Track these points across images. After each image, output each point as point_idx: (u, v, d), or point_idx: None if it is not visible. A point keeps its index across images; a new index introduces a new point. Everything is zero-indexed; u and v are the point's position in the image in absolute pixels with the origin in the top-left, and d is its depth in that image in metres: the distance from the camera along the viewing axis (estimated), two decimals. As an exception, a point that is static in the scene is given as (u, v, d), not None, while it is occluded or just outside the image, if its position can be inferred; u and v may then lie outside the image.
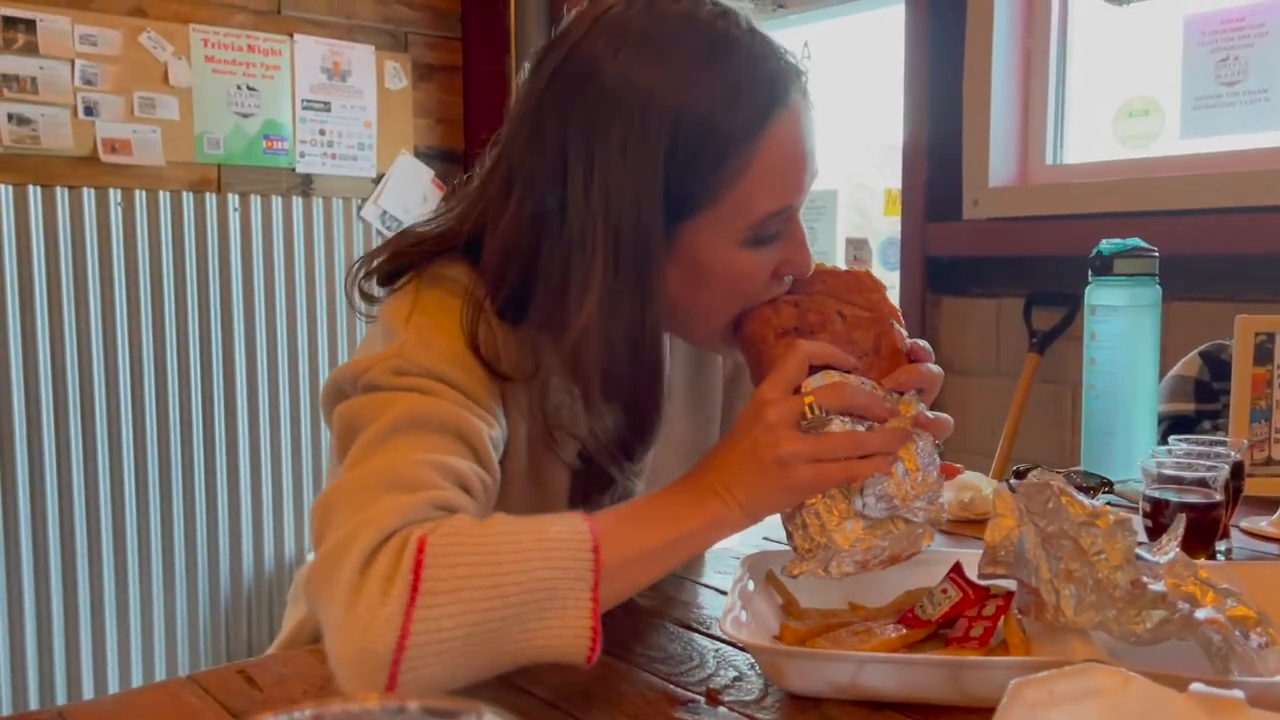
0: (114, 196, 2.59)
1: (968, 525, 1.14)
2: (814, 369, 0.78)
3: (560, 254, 0.81)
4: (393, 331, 0.82)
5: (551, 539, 0.70)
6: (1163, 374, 1.39)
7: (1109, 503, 1.16)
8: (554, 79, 0.82)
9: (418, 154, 3.06)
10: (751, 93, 0.80)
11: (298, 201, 2.87)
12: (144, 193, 2.63)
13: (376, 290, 0.90)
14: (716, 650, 0.80)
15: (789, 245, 0.86)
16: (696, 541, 0.77)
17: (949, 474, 0.83)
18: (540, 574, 0.68)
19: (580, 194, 0.79)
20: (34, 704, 2.51)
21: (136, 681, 2.65)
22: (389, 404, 0.77)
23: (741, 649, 0.78)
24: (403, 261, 0.89)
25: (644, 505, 0.78)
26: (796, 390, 0.77)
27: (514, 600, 0.67)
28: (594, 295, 0.80)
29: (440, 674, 0.67)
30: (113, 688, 2.62)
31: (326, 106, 2.89)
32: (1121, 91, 2.04)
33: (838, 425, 0.75)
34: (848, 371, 0.78)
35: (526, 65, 0.86)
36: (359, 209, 2.98)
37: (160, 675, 2.69)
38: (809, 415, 0.75)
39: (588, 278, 0.80)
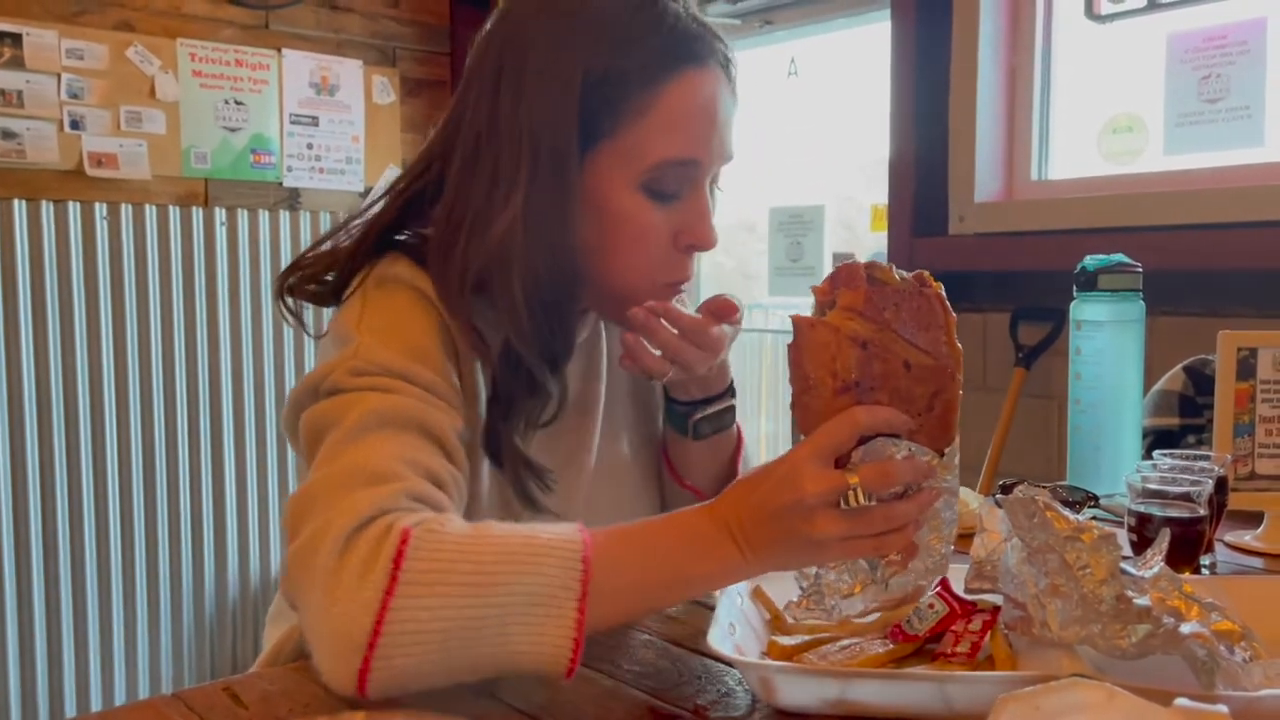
0: (100, 210, 2.58)
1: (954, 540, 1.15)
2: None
3: (489, 162, 0.88)
4: (347, 336, 0.84)
5: (540, 545, 0.70)
6: (1147, 389, 1.40)
7: (1094, 517, 1.17)
8: (488, 44, 0.92)
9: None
10: (666, 37, 0.87)
11: (285, 216, 2.87)
12: (130, 207, 2.62)
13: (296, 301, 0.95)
14: (704, 666, 0.80)
15: (690, 212, 0.90)
16: (703, 584, 0.76)
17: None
18: (525, 578, 0.68)
19: (510, 111, 0.87)
20: (16, 722, 2.49)
21: (120, 698, 2.63)
22: (353, 404, 0.78)
23: (729, 665, 0.78)
24: (343, 270, 0.93)
25: (652, 531, 0.76)
26: (840, 460, 0.73)
27: (495, 601, 0.67)
28: (519, 194, 0.86)
29: (414, 667, 0.67)
30: (96, 704, 2.60)
31: (314, 121, 2.89)
32: (1105, 108, 2.06)
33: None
34: (899, 435, 0.74)
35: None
36: (347, 223, 2.97)
37: (144, 692, 2.67)
38: (852, 502, 0.72)
39: (515, 178, 0.86)
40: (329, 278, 0.94)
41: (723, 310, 0.95)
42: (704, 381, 1.01)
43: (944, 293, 0.75)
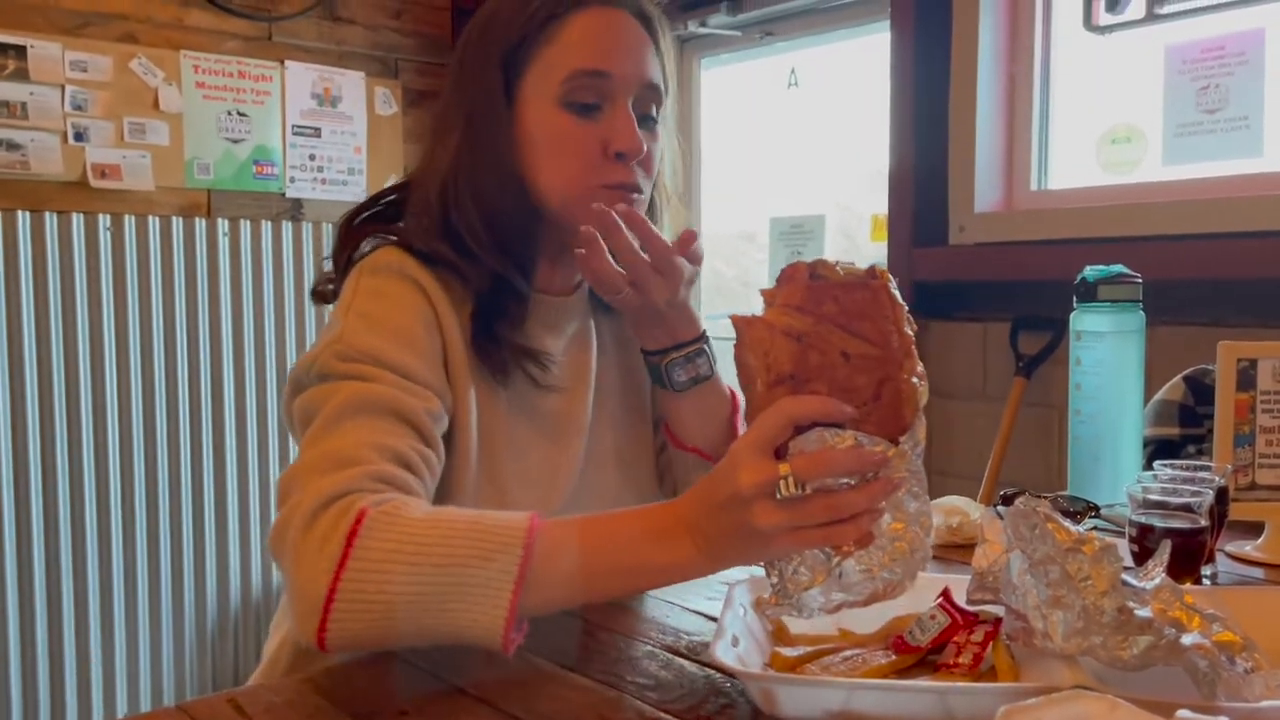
0: (103, 221, 2.59)
1: (956, 550, 1.15)
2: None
3: (441, 121, 1.03)
4: (335, 320, 0.93)
5: (485, 530, 0.76)
6: (1147, 399, 1.41)
7: (1095, 527, 1.17)
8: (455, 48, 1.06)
9: (407, 179, 3.06)
10: None
11: (287, 226, 2.88)
12: (133, 218, 2.63)
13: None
14: (706, 677, 0.81)
15: (611, 123, 0.98)
16: (661, 576, 0.80)
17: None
18: (463, 560, 0.75)
19: (453, 77, 1.04)
20: (17, 733, 2.49)
21: (121, 708, 2.62)
22: (334, 393, 0.87)
23: (732, 676, 0.78)
24: (334, 262, 1.04)
25: (612, 522, 0.80)
26: (781, 451, 0.73)
27: (435, 581, 0.74)
28: (459, 132, 1.00)
29: (364, 631, 0.75)
30: (98, 715, 2.59)
31: (317, 132, 2.90)
32: (1104, 118, 2.07)
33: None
34: (841, 425, 0.73)
35: None
36: (348, 234, 2.98)
37: (145, 702, 2.67)
38: (783, 491, 0.72)
39: (456, 122, 1.01)
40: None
41: (682, 239, 1.01)
42: (670, 326, 1.04)
43: (894, 285, 0.75)
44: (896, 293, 0.75)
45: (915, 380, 0.75)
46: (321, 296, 1.06)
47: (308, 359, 0.91)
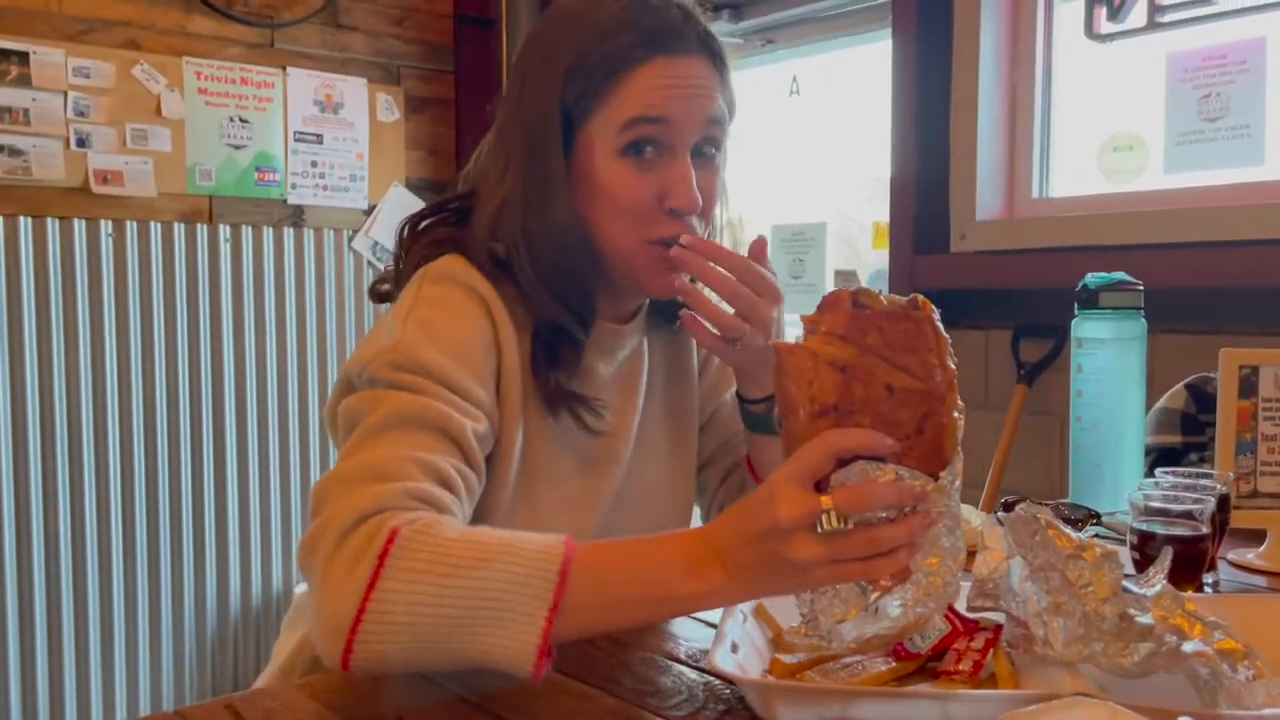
0: (105, 227, 2.59)
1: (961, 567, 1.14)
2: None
3: (501, 152, 1.00)
4: (394, 326, 0.91)
5: (520, 554, 0.73)
6: (1149, 406, 1.40)
7: (1097, 535, 1.17)
8: (515, 60, 1.03)
9: (409, 186, 3.07)
10: (638, 33, 0.95)
11: (289, 233, 2.88)
12: (135, 224, 2.63)
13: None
14: (706, 684, 0.80)
15: (670, 176, 0.96)
16: (690, 604, 0.77)
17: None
18: (498, 583, 0.72)
19: (513, 108, 1.00)
20: (16, 739, 2.48)
21: (121, 714, 2.62)
22: (381, 401, 0.85)
23: (731, 683, 0.78)
24: (395, 264, 1.03)
25: (644, 548, 0.78)
26: (821, 483, 0.72)
27: (465, 603, 0.72)
28: (512, 175, 0.97)
29: (391, 653, 0.73)
30: (96, 722, 2.59)
31: (318, 138, 2.91)
32: (1106, 126, 2.07)
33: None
34: (882, 458, 0.72)
35: None
36: (350, 240, 2.98)
37: (145, 709, 2.66)
38: (825, 525, 0.70)
39: (511, 163, 0.98)
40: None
41: (755, 248, 1.00)
42: (767, 374, 1.04)
43: (937, 316, 0.74)
44: (940, 325, 0.74)
45: (956, 415, 0.74)
46: (379, 295, 1.05)
47: (361, 360, 0.89)
